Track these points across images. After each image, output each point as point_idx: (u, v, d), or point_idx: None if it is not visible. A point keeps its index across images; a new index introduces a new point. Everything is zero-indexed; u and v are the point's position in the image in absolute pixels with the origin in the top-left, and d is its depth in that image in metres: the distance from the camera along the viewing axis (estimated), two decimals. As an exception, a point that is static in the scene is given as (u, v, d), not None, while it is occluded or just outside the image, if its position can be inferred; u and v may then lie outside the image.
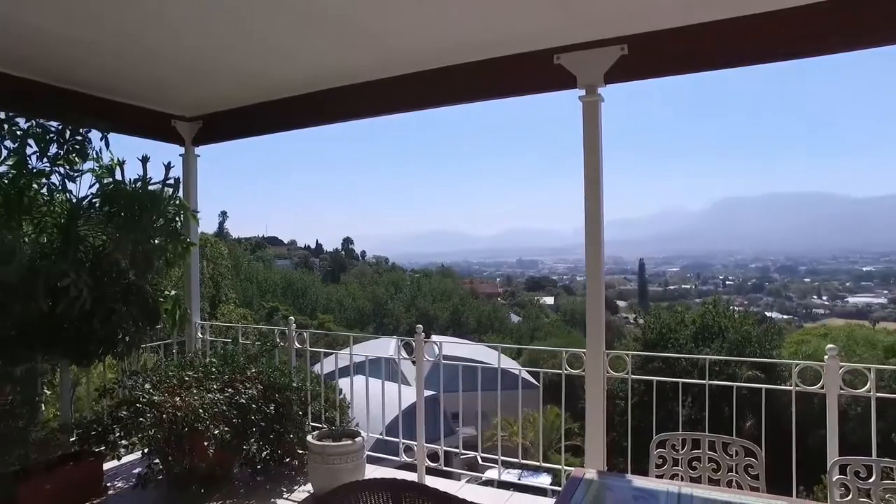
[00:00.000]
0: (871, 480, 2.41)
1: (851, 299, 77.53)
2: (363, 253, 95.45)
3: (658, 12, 3.26)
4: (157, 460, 4.14)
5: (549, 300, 71.08)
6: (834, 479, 2.47)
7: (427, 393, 4.76)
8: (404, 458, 4.77)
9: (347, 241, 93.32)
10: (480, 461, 4.75)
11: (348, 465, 4.13)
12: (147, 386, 4.22)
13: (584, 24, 3.40)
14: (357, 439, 4.26)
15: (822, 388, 3.35)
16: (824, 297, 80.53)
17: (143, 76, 4.31)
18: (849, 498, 2.42)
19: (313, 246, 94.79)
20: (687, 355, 17.62)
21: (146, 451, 4.18)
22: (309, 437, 4.33)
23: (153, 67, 4.12)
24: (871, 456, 2.56)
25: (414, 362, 4.77)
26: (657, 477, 2.82)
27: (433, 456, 4.72)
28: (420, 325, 4.69)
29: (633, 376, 3.84)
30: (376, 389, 5.06)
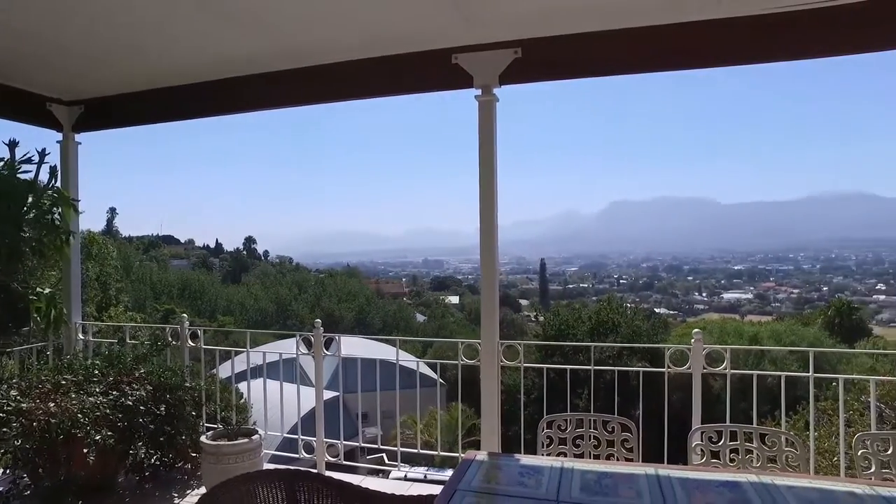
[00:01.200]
0: (720, 443, 2.73)
1: (725, 295, 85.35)
2: (266, 253, 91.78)
3: (549, 19, 3.46)
4: (24, 475, 3.79)
5: (455, 299, 71.98)
6: (693, 445, 2.77)
7: (331, 394, 4.76)
8: (304, 454, 4.72)
9: (250, 241, 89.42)
10: (387, 459, 4.81)
11: (244, 464, 4.03)
12: (13, 393, 3.85)
13: (480, 27, 3.55)
14: (254, 437, 4.16)
15: (688, 368, 3.74)
16: (704, 294, 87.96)
17: (4, 51, 3.92)
18: (703, 460, 2.73)
19: (213, 245, 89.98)
20: (573, 343, 18.71)
21: (10, 465, 3.81)
22: (203, 438, 4.17)
23: (17, 43, 3.76)
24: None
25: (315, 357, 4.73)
26: (546, 455, 3.01)
27: (343, 456, 4.72)
28: (319, 320, 4.66)
29: (526, 364, 4.06)
30: (282, 390, 4.99)
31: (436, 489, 4.33)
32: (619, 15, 3.39)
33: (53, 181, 4.11)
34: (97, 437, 3.68)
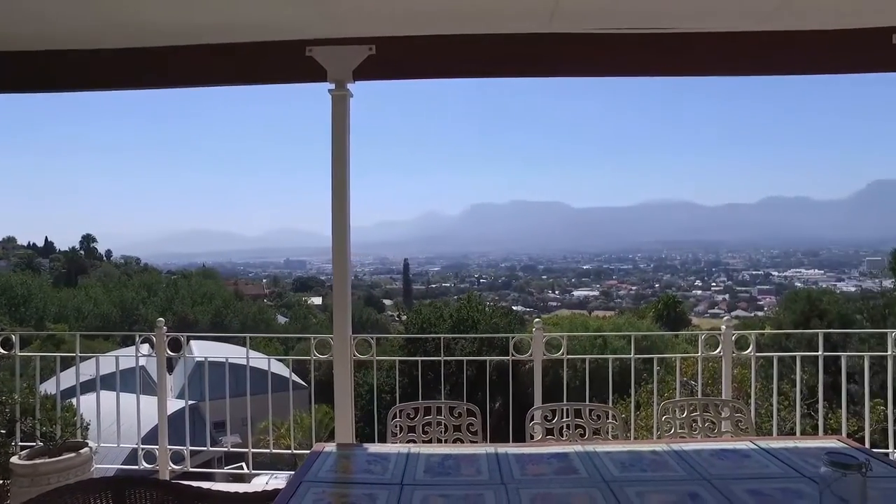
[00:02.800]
0: (554, 421, 3.01)
1: (576, 293, 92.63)
2: (108, 252, 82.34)
3: (404, 19, 3.53)
4: None
5: (317, 300, 70.26)
6: (531, 424, 3.02)
7: (182, 403, 4.47)
8: (145, 464, 4.35)
9: (88, 239, 79.62)
10: (249, 467, 4.62)
11: (70, 482, 3.63)
12: None
13: (335, 21, 3.53)
14: (83, 451, 3.77)
15: (530, 355, 4.04)
16: (557, 292, 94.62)
17: None
18: (540, 437, 2.99)
19: (41, 244, 78.89)
20: (421, 335, 19.38)
21: None
22: (14, 459, 3.69)
23: None
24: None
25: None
26: (397, 443, 3.08)
27: (191, 464, 4.43)
28: (161, 319, 4.34)
29: (378, 357, 4.14)
30: (131, 401, 4.57)
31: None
32: (472, 20, 3.54)
33: None
34: None
